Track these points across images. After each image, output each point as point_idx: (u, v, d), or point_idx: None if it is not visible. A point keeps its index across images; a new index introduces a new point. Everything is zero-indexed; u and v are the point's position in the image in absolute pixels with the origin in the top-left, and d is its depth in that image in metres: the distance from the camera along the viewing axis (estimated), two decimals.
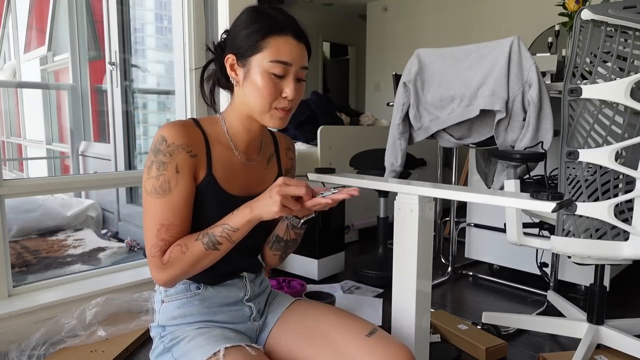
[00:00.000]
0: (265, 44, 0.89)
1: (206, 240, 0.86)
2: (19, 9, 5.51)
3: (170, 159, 0.88)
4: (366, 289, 2.18)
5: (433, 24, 4.86)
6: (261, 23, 0.90)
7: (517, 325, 1.73)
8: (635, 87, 1.22)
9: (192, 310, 0.97)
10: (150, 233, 0.88)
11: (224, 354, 0.85)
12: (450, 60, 1.66)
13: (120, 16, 3.23)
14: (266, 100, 0.90)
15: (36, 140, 5.16)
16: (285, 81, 0.91)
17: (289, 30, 0.90)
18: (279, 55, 0.89)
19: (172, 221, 0.88)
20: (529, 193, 0.92)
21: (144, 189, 0.89)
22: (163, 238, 0.88)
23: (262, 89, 0.90)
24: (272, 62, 0.89)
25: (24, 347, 1.47)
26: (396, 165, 1.83)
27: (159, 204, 0.88)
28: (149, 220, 0.89)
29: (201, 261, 0.87)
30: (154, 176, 0.88)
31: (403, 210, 1.07)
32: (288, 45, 0.89)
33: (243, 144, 0.99)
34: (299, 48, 0.91)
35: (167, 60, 3.43)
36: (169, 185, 0.88)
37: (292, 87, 0.90)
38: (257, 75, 0.90)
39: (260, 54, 0.89)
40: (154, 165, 0.88)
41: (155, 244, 0.88)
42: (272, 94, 0.90)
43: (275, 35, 0.89)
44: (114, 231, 3.34)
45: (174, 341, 0.93)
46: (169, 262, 0.87)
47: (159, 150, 0.88)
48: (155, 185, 0.88)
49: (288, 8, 5.84)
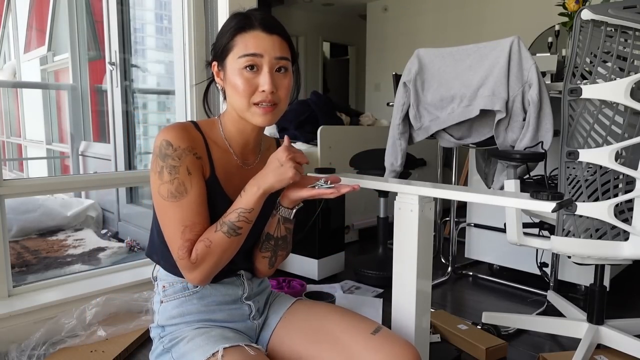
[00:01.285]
0: (234, 42, 0.90)
1: (225, 228, 0.87)
2: (19, 9, 5.51)
3: (180, 162, 0.88)
4: (366, 289, 2.18)
5: (433, 24, 4.86)
6: (231, 23, 0.92)
7: (517, 325, 1.73)
8: (635, 87, 1.22)
9: (190, 309, 0.97)
10: (174, 236, 0.88)
11: (222, 355, 0.84)
12: (450, 60, 1.66)
13: (120, 16, 3.22)
14: (243, 97, 0.90)
15: (36, 140, 5.16)
16: (259, 75, 0.90)
17: (257, 25, 0.90)
18: (246, 49, 0.89)
19: (194, 220, 0.88)
20: (529, 193, 0.91)
21: (159, 195, 0.89)
22: (188, 238, 0.88)
23: (237, 86, 0.90)
24: (241, 57, 0.89)
25: (24, 347, 1.47)
26: (396, 165, 1.83)
27: (178, 206, 0.88)
28: (170, 225, 0.88)
29: (228, 250, 0.88)
30: (168, 181, 0.88)
31: (403, 210, 1.07)
32: (255, 38, 0.90)
33: (239, 146, 0.99)
34: (269, 39, 0.90)
35: (167, 60, 3.43)
36: (185, 187, 0.88)
37: (267, 79, 0.89)
38: (232, 74, 0.90)
39: (231, 54, 0.90)
40: (164, 170, 0.88)
41: (181, 246, 0.87)
42: (248, 90, 0.90)
43: (242, 32, 0.90)
44: (114, 231, 3.34)
45: (173, 342, 0.93)
46: (197, 260, 0.87)
47: (166, 155, 0.88)
48: (171, 189, 0.88)
49: (288, 8, 5.85)
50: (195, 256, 0.87)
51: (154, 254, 1.01)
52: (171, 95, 2.53)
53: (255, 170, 1.00)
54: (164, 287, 0.99)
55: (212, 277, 0.91)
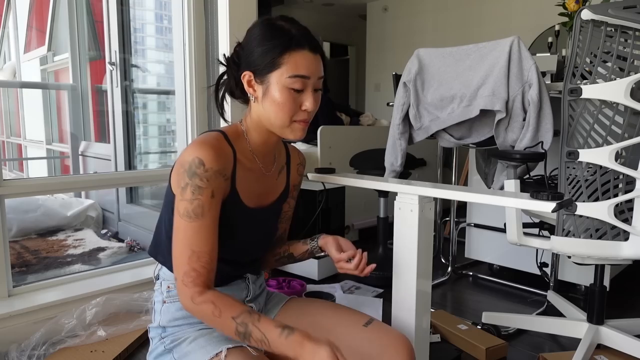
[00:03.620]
0: (283, 60, 0.89)
1: (242, 330, 0.82)
2: (19, 9, 5.51)
3: (207, 184, 0.87)
4: (366, 289, 2.18)
5: (433, 24, 4.86)
6: (276, 39, 0.90)
7: (517, 325, 1.73)
8: (635, 87, 1.22)
9: None
10: (181, 258, 0.87)
11: (226, 354, 0.85)
12: (451, 60, 1.66)
13: (120, 16, 3.22)
14: (287, 115, 0.92)
15: (36, 140, 5.16)
16: (304, 94, 0.92)
17: (305, 44, 0.90)
18: (297, 70, 0.89)
19: (202, 248, 0.86)
20: (529, 193, 0.92)
21: (177, 210, 0.88)
22: (194, 268, 0.86)
23: (282, 104, 0.90)
24: (291, 77, 0.89)
25: (24, 347, 1.47)
26: (396, 165, 1.83)
27: (190, 228, 0.86)
28: (179, 244, 0.87)
29: (225, 332, 0.85)
30: (188, 199, 0.86)
31: (403, 210, 1.07)
32: (305, 59, 0.90)
33: (261, 154, 1.01)
34: (315, 60, 0.91)
35: (167, 60, 3.43)
36: (202, 209, 0.86)
37: (312, 99, 0.92)
38: (277, 91, 0.90)
39: (278, 71, 0.89)
40: (189, 188, 0.86)
41: (187, 273, 0.86)
42: (293, 109, 0.91)
43: (292, 50, 0.89)
44: (114, 231, 3.34)
45: (175, 342, 0.93)
46: (199, 309, 0.85)
47: (195, 173, 0.86)
48: (189, 208, 0.86)
49: (288, 8, 5.85)
50: (200, 302, 0.85)
51: (160, 255, 1.00)
52: (171, 95, 2.53)
53: (271, 176, 1.03)
54: (169, 287, 0.98)
55: None
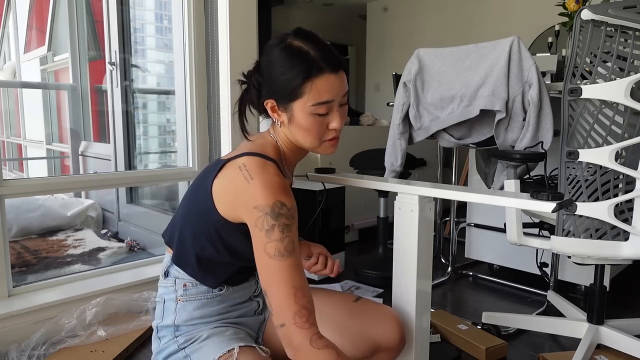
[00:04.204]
0: (305, 89, 0.88)
1: None
2: (19, 9, 5.51)
3: (292, 222, 0.86)
4: (366, 289, 2.18)
5: (433, 24, 4.86)
6: (297, 68, 0.88)
7: (517, 325, 1.73)
8: (635, 87, 1.22)
9: (212, 311, 0.98)
10: (286, 299, 0.82)
11: (239, 352, 0.88)
12: (450, 60, 1.66)
13: (120, 16, 3.22)
14: (316, 138, 0.93)
15: (36, 140, 5.16)
16: (330, 115, 0.92)
17: (325, 67, 0.88)
18: (319, 97, 0.88)
19: (303, 284, 0.84)
20: (529, 193, 0.92)
21: (265, 251, 0.84)
22: (304, 305, 0.82)
23: (309, 129, 0.91)
24: (314, 105, 0.89)
25: (24, 347, 1.47)
26: (396, 165, 1.83)
27: (287, 266, 0.83)
28: (279, 286, 0.83)
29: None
30: (278, 239, 0.83)
31: (403, 210, 1.07)
32: (328, 83, 0.89)
33: (290, 168, 1.04)
34: (338, 80, 0.90)
35: (167, 60, 3.43)
36: (294, 245, 0.85)
37: (338, 118, 0.92)
38: (302, 118, 0.90)
39: (301, 100, 0.89)
40: (276, 228, 0.83)
41: (298, 312, 0.82)
42: (320, 132, 0.92)
43: (313, 77, 0.87)
44: (114, 231, 3.34)
45: (189, 341, 0.94)
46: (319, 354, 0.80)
47: (280, 214, 0.84)
48: (280, 247, 0.83)
49: (288, 8, 5.84)
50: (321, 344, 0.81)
51: (188, 267, 0.97)
52: (171, 95, 2.53)
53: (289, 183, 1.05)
54: (185, 285, 0.97)
55: None
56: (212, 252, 0.94)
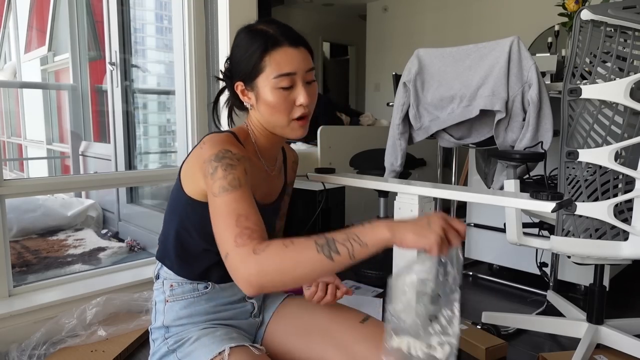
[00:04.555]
0: (264, 63, 0.89)
1: (322, 242, 0.71)
2: (20, 9, 5.52)
3: (237, 163, 0.85)
4: (366, 289, 2.18)
5: (433, 23, 4.86)
6: (255, 44, 0.90)
7: (517, 325, 1.74)
8: (634, 87, 1.23)
9: (199, 310, 0.97)
10: (229, 227, 0.77)
11: (229, 353, 0.85)
12: (450, 60, 1.66)
13: (121, 16, 3.22)
14: (283, 115, 0.92)
15: (36, 140, 5.17)
16: (295, 90, 0.91)
17: (283, 40, 0.89)
18: (280, 69, 0.89)
19: (249, 210, 0.79)
20: (528, 193, 0.92)
21: (212, 194, 0.82)
22: (246, 226, 0.76)
23: (276, 105, 0.90)
24: (276, 77, 0.89)
25: (25, 347, 1.47)
26: (396, 165, 1.83)
27: (231, 198, 0.80)
28: (223, 219, 0.78)
29: (302, 266, 0.71)
30: (222, 177, 0.82)
31: (403, 210, 1.07)
32: (286, 55, 0.89)
33: (267, 156, 1.02)
34: (298, 53, 0.90)
35: (167, 60, 3.43)
36: (239, 182, 0.82)
37: (304, 93, 0.91)
38: (267, 94, 0.90)
39: (263, 74, 0.90)
40: (219, 168, 0.83)
41: (240, 233, 0.75)
42: (287, 107, 0.91)
43: (271, 50, 0.89)
44: (114, 231, 3.34)
45: (179, 342, 0.93)
46: (263, 251, 0.72)
47: (224, 157, 0.84)
48: (224, 184, 0.81)
49: (288, 8, 5.85)
50: (263, 247, 0.73)
51: (167, 259, 0.99)
52: (171, 95, 2.53)
53: (275, 176, 1.04)
54: (172, 286, 0.98)
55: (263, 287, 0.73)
56: (186, 237, 0.96)
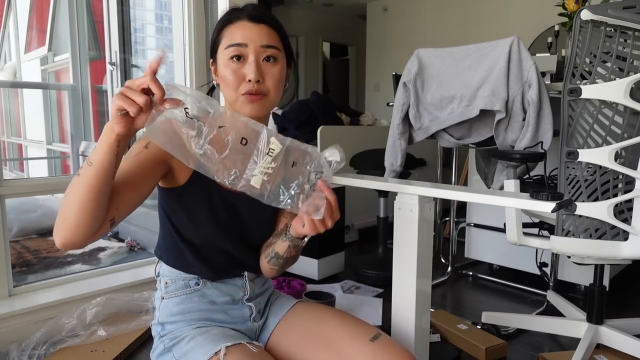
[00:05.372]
0: (221, 35, 0.92)
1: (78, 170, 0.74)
2: (20, 9, 5.52)
3: (142, 140, 0.87)
4: (366, 289, 2.18)
5: (433, 24, 4.86)
6: (221, 19, 0.93)
7: (516, 325, 1.74)
8: (634, 87, 1.23)
9: (192, 307, 0.97)
10: None
11: (225, 353, 0.84)
12: (450, 60, 1.66)
13: (121, 16, 3.22)
14: (231, 88, 0.90)
15: (37, 140, 5.17)
16: (245, 64, 0.90)
17: (243, 16, 0.91)
18: (232, 39, 0.90)
19: None
20: (528, 193, 0.92)
21: None
22: None
23: (225, 77, 0.90)
24: (226, 48, 0.90)
25: (25, 347, 1.47)
26: (396, 165, 1.83)
27: None
28: None
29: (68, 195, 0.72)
30: (127, 153, 0.84)
31: (403, 210, 1.07)
32: (240, 28, 0.90)
33: None
34: (255, 28, 0.90)
35: (167, 60, 3.43)
36: (129, 154, 0.84)
37: (252, 67, 0.88)
38: (221, 67, 0.91)
39: (220, 47, 0.92)
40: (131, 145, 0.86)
41: None
42: (235, 81, 0.89)
43: (228, 24, 0.91)
44: (114, 231, 3.34)
45: (174, 341, 0.93)
46: None
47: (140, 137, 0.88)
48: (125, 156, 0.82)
49: (288, 8, 5.85)
50: None
51: (159, 250, 1.02)
52: None
53: None
54: (166, 283, 0.99)
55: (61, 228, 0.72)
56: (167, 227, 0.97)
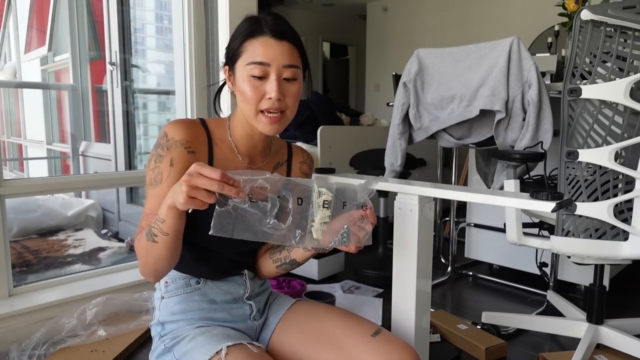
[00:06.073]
0: (243, 48, 0.90)
1: (147, 231, 0.83)
2: (20, 9, 5.52)
3: (167, 153, 0.90)
4: (366, 289, 2.18)
5: (433, 24, 4.86)
6: (242, 28, 0.91)
7: (516, 325, 1.74)
8: (634, 87, 1.23)
9: (192, 306, 0.97)
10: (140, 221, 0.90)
11: (227, 353, 0.84)
12: (450, 60, 1.66)
13: (121, 16, 3.22)
14: (251, 104, 0.89)
15: (37, 140, 5.16)
16: (267, 82, 0.89)
17: (267, 31, 0.89)
18: (254, 56, 0.88)
19: (151, 210, 0.89)
20: (528, 193, 0.92)
21: (146, 180, 0.92)
22: (142, 226, 0.88)
23: (245, 93, 0.89)
24: (249, 64, 0.88)
25: (25, 347, 1.47)
26: (396, 165, 1.83)
27: (152, 195, 0.90)
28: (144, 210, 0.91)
29: (150, 253, 0.84)
30: (152, 168, 0.90)
31: (403, 210, 1.07)
32: (263, 45, 0.88)
33: (246, 148, 0.99)
34: (278, 46, 0.89)
35: (167, 60, 3.43)
36: (162, 177, 0.89)
37: (274, 86, 0.88)
38: (241, 80, 0.90)
39: (240, 60, 0.90)
40: (153, 158, 0.91)
41: (139, 229, 0.89)
42: (255, 97, 0.89)
43: (251, 38, 0.89)
44: (114, 231, 3.34)
45: (175, 341, 0.93)
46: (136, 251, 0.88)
47: (159, 144, 0.91)
48: (152, 177, 0.90)
49: (288, 8, 5.85)
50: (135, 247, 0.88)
51: None
52: (171, 95, 2.53)
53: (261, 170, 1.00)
54: (166, 282, 0.99)
55: (151, 274, 0.88)
56: None
